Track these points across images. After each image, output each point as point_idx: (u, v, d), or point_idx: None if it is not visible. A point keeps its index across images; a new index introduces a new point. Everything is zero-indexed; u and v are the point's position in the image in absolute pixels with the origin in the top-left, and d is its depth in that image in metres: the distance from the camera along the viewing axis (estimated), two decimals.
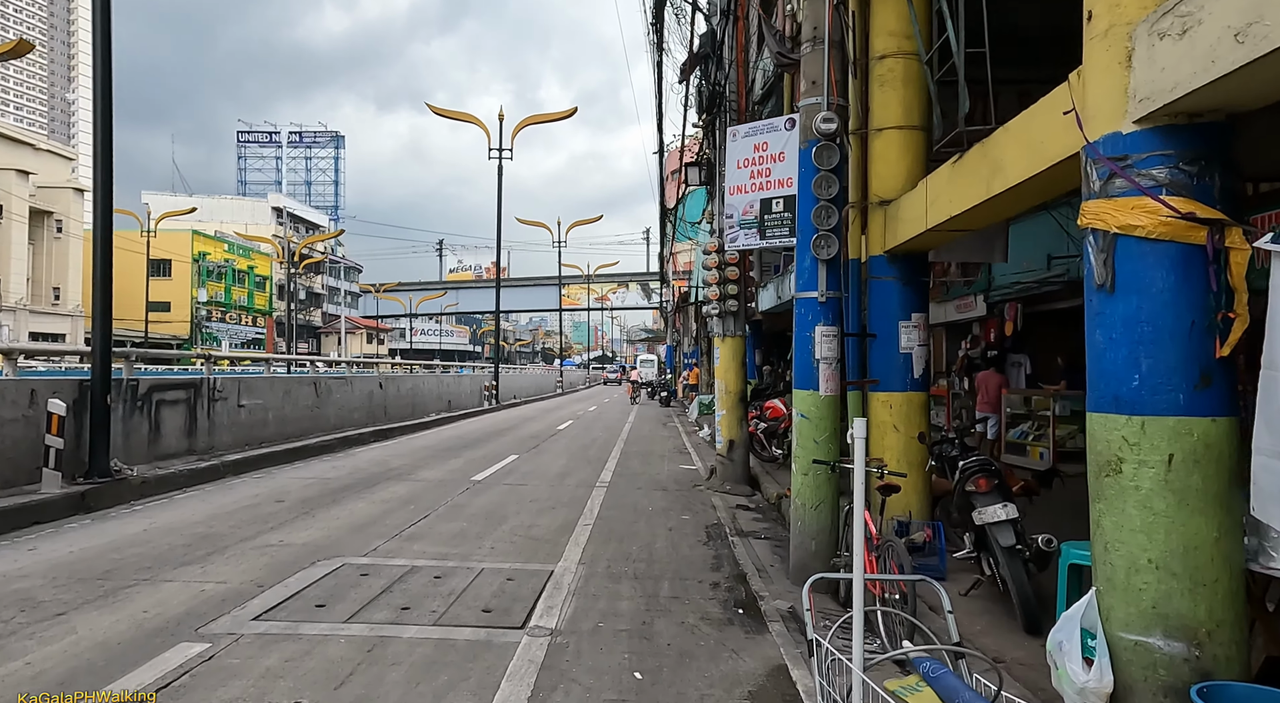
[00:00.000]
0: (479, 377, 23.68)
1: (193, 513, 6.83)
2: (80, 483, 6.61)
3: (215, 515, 6.76)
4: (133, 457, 7.59)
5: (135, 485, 7.08)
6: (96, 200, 6.80)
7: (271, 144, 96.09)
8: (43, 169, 47.18)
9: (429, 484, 8.86)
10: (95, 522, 6.34)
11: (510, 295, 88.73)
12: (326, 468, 9.90)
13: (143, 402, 7.69)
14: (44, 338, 44.56)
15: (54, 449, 6.18)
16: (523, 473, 10.08)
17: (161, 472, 7.66)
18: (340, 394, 12.89)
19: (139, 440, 7.68)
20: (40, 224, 46.66)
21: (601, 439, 15.12)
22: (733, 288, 9.09)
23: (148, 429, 7.81)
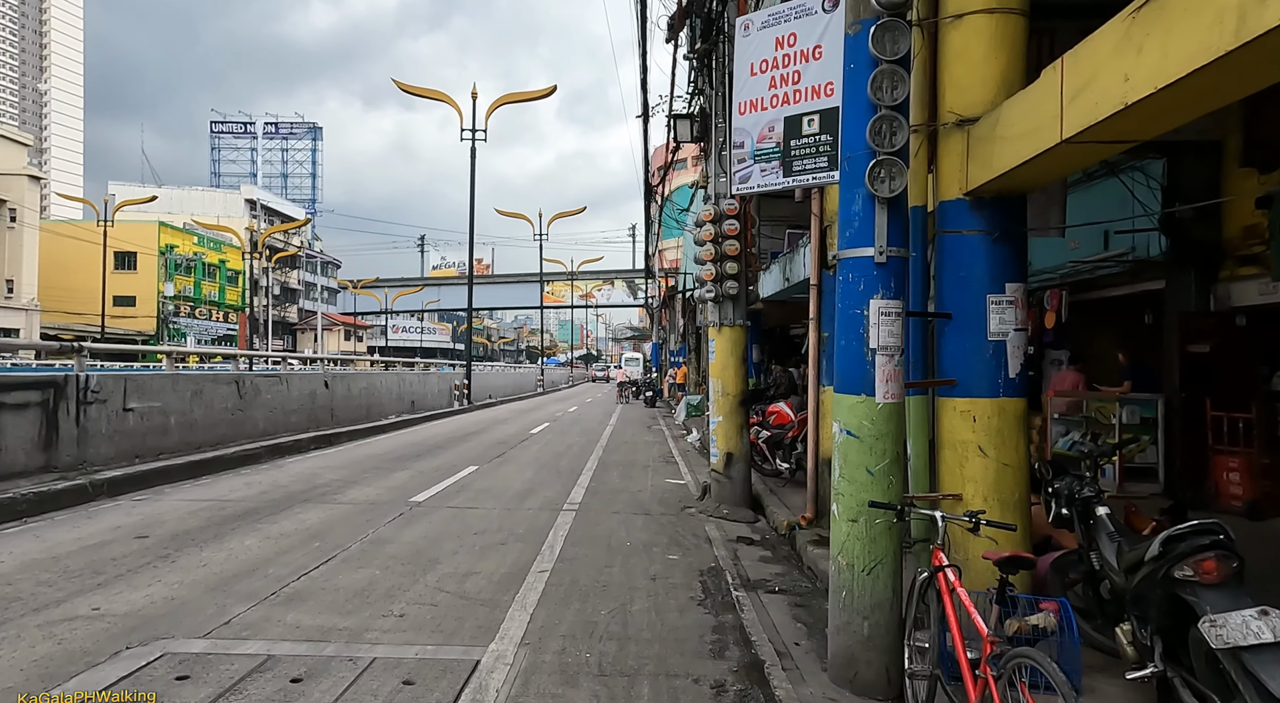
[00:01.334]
0: (449, 375, 21.86)
1: (5, 558, 5.05)
2: None
3: (34, 562, 4.99)
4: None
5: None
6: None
7: (246, 135, 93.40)
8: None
9: (353, 509, 7.11)
10: None
11: (492, 292, 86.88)
12: (235, 485, 8.12)
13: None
14: None
15: None
16: (477, 491, 8.35)
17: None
18: (272, 394, 11.08)
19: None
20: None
21: (578, 446, 13.40)
22: (732, 266, 7.40)
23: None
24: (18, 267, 45.30)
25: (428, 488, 8.37)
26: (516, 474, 9.73)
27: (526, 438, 14.58)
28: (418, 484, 8.62)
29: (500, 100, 23.91)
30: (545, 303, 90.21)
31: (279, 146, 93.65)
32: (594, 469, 10.45)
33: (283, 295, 72.49)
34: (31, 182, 46.88)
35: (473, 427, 16.56)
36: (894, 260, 3.40)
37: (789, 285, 8.54)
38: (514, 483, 9.00)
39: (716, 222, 7.44)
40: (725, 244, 7.39)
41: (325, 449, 11.70)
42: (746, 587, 5.01)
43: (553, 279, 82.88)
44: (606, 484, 9.15)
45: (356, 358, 24.58)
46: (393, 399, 16.50)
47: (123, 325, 53.69)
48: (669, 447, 13.85)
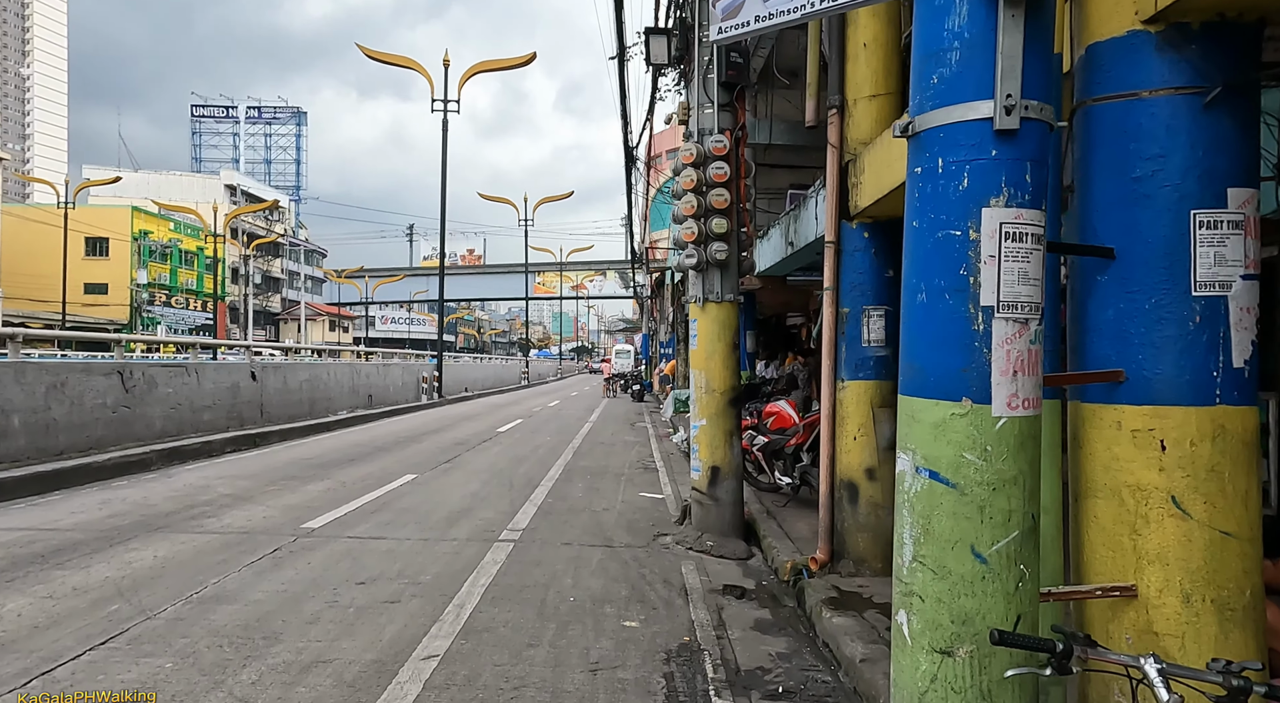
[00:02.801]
0: (415, 366, 20.06)
1: None
2: None
3: None
4: None
5: None
6: None
7: (229, 120, 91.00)
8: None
9: (218, 541, 5.36)
10: None
11: (482, 283, 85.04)
12: (85, 504, 6.36)
13: None
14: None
15: None
16: (397, 511, 6.61)
17: None
18: (174, 388, 9.29)
19: None
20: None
21: (547, 447, 11.67)
22: (720, 223, 5.64)
23: None
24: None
25: (337, 507, 6.62)
26: (459, 486, 7.99)
27: (491, 437, 12.84)
28: (327, 501, 6.87)
29: (474, 68, 22.04)
30: (537, 294, 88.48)
31: (262, 132, 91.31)
32: (556, 478, 8.73)
33: (265, 284, 70.45)
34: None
35: (434, 424, 14.80)
36: (1032, 130, 1.66)
37: (793, 252, 6.74)
38: (450, 499, 7.25)
39: (700, 165, 5.68)
40: (712, 195, 5.63)
41: (243, 453, 9.94)
42: (735, 688, 3.29)
43: (542, 269, 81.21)
44: (566, 500, 7.42)
45: (351, 349, 22.81)
46: (344, 393, 14.71)
47: (94, 313, 51.69)
48: (650, 448, 12.12)
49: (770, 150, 9.49)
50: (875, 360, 4.64)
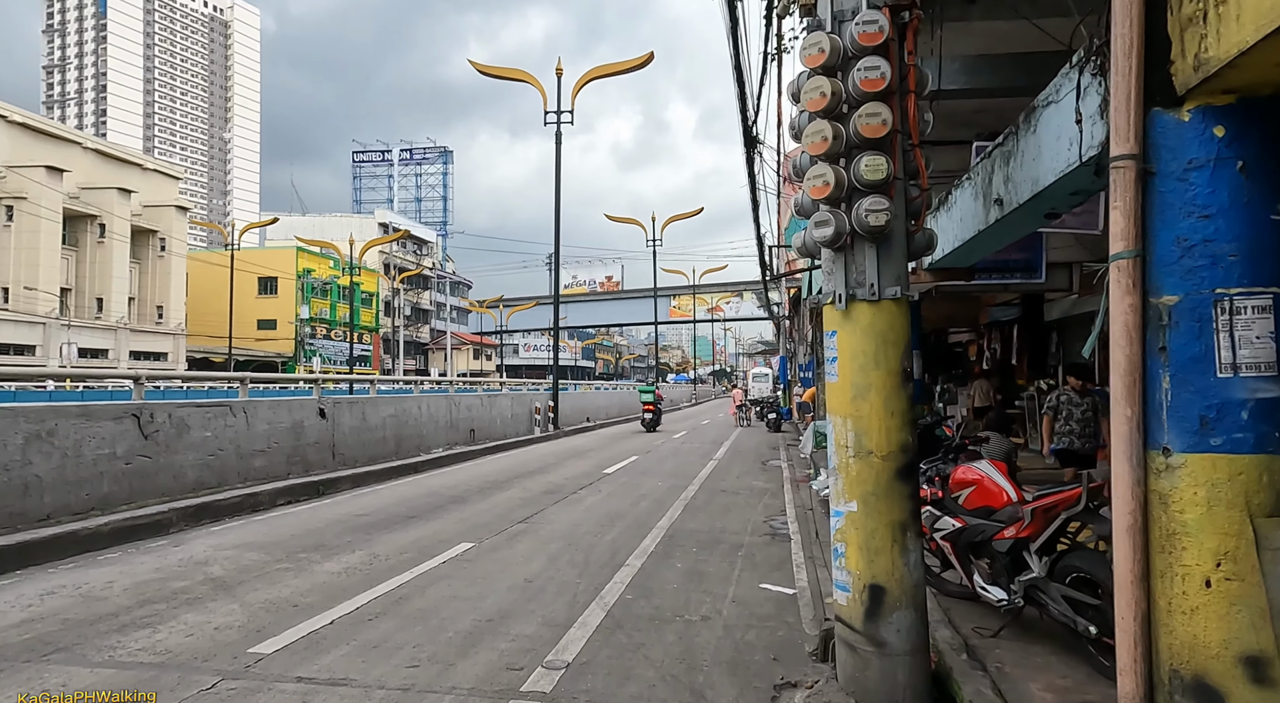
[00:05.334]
0: (526, 397, 18.57)
1: None
2: None
3: None
4: None
5: None
6: None
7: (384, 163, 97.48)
8: (148, 188, 47.35)
9: (99, 685, 3.57)
10: None
11: (617, 308, 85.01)
12: (7, 603, 4.87)
13: None
14: (146, 357, 44.28)
15: None
16: (407, 616, 4.61)
17: None
18: (212, 431, 7.97)
19: None
20: (145, 243, 46.74)
21: (653, 497, 9.46)
22: (876, 164, 3.23)
23: None
24: (166, 293, 47.62)
25: (329, 607, 4.74)
26: (517, 566, 5.94)
27: (592, 482, 10.82)
28: (325, 594, 5.03)
29: (588, 75, 20.60)
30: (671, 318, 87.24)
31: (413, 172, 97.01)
32: (651, 551, 6.49)
33: (414, 316, 73.82)
34: (179, 212, 49.35)
35: (535, 463, 13.02)
36: None
37: (1004, 215, 3.97)
38: (495, 589, 5.20)
39: (834, 69, 3.32)
40: (859, 117, 3.24)
41: (297, 505, 8.49)
42: None
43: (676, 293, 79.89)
44: (652, 596, 5.16)
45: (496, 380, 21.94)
46: (439, 428, 13.28)
47: (266, 347, 55.78)
48: (784, 499, 9.60)
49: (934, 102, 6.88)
50: (1256, 410, 2.05)
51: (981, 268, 6.52)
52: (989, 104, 7.31)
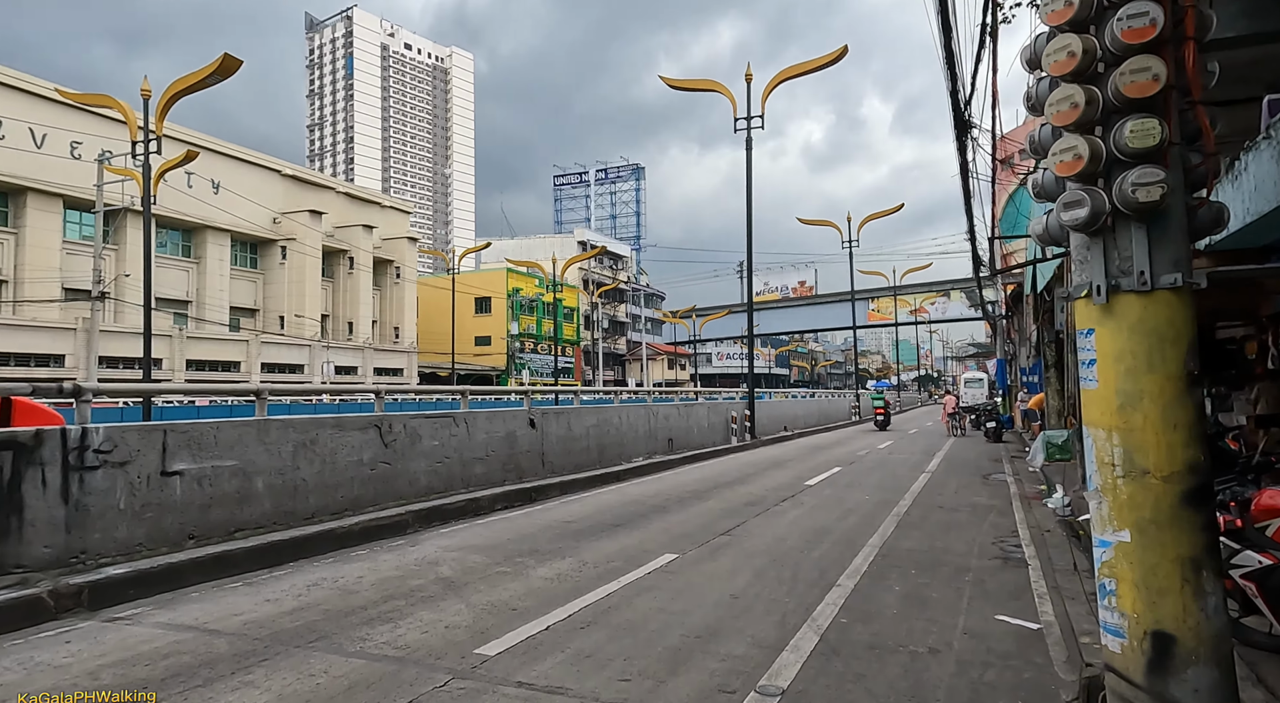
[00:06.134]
0: (723, 406, 18.47)
1: None
2: None
3: None
4: None
5: None
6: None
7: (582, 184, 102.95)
8: (385, 223, 53.77)
9: (357, 674, 3.92)
10: None
11: (811, 313, 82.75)
12: (285, 590, 5.55)
13: None
14: (386, 373, 50.16)
15: None
16: (616, 626, 4.63)
17: None
18: (439, 440, 8.70)
19: None
20: (384, 272, 53.09)
21: (861, 512, 8.91)
22: (1146, 129, 2.70)
23: None
24: (401, 316, 53.66)
25: (544, 613, 4.90)
26: (720, 581, 5.80)
27: (794, 494, 10.45)
28: (541, 600, 5.21)
29: (779, 77, 20.21)
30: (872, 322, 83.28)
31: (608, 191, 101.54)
32: (863, 571, 6.06)
33: (611, 328, 76.97)
34: (410, 243, 55.44)
35: (734, 473, 12.86)
36: None
37: None
38: (700, 605, 5.09)
39: (1084, 25, 2.84)
40: (1121, 75, 2.74)
41: (513, 510, 9.02)
42: None
43: (875, 295, 76.17)
44: (870, 621, 4.78)
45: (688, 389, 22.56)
46: (638, 438, 13.58)
47: (481, 362, 61.01)
48: (1014, 518, 8.61)
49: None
50: None
51: (1276, 247, 5.37)
52: (1268, 53, 6.06)
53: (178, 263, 40.98)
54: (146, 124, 19.23)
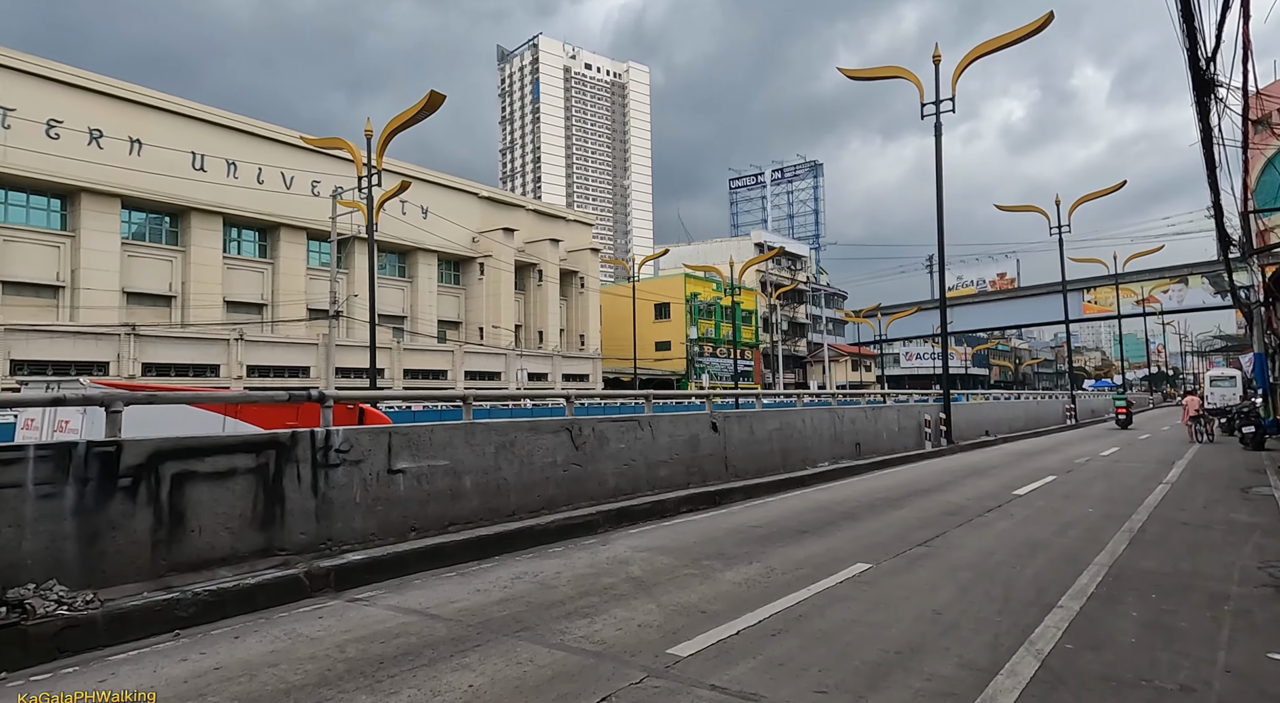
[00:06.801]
0: (914, 409, 17.38)
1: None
2: None
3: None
4: (107, 572, 4.75)
5: (45, 635, 4.13)
6: None
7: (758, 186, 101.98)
8: (570, 236, 56.68)
9: (557, 666, 4.12)
10: None
11: (1013, 308, 75.87)
12: (492, 581, 5.98)
13: (137, 480, 4.89)
14: (573, 378, 52.78)
15: None
16: (809, 635, 4.50)
17: (141, 601, 4.66)
18: (625, 443, 8.97)
19: (125, 544, 4.81)
20: (569, 282, 55.96)
21: (1083, 526, 7.99)
22: None
23: (150, 523, 4.95)
24: (586, 324, 56.24)
25: (734, 617, 4.87)
26: (920, 594, 5.44)
27: (1000, 504, 9.60)
28: (729, 604, 5.19)
29: (972, 54, 18.76)
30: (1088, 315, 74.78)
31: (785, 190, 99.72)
32: (1090, 593, 5.42)
33: (791, 330, 75.45)
34: (593, 254, 57.98)
35: (928, 481, 12.06)
36: None
37: None
38: (899, 618, 4.81)
39: None
40: None
41: (697, 513, 9.09)
42: None
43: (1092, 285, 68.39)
44: (1100, 650, 4.25)
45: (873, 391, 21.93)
46: (823, 442, 13.15)
47: (661, 366, 62.31)
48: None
49: None
50: None
51: None
52: None
53: (395, 282, 45.89)
54: (370, 161, 21.74)
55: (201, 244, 36.62)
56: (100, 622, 4.34)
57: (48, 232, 32.51)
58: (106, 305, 32.85)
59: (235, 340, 35.11)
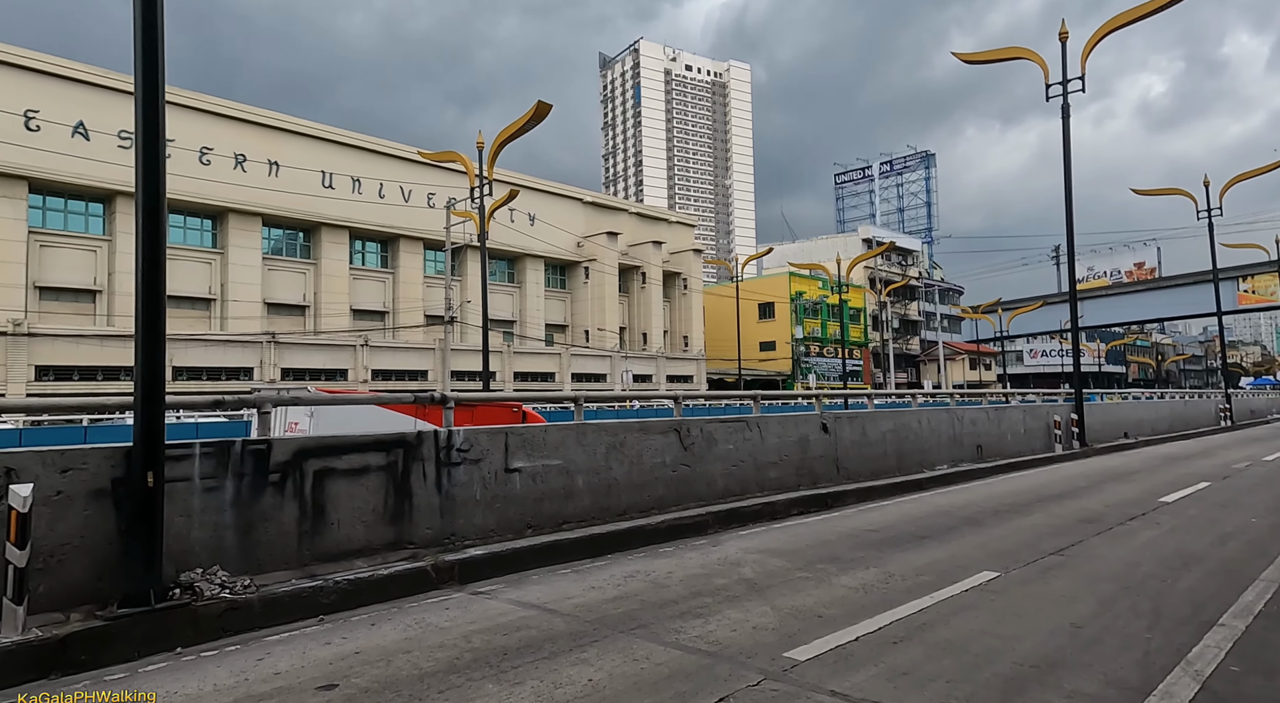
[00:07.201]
0: (1041, 409, 16.30)
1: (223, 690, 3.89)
2: (78, 620, 4.34)
3: None
4: (261, 560, 5.18)
5: (211, 615, 4.57)
6: None
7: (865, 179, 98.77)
8: (672, 238, 56.93)
9: (674, 664, 4.15)
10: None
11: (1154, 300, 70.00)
12: (606, 579, 6.08)
13: (284, 475, 5.30)
14: (677, 380, 52.94)
15: (14, 568, 4.04)
16: (933, 645, 4.32)
17: (290, 588, 5.06)
18: (734, 444, 8.91)
19: (275, 534, 5.24)
20: (672, 284, 56.19)
21: (1245, 537, 7.25)
22: None
23: (296, 516, 5.36)
24: (689, 325, 56.29)
25: (852, 622, 4.74)
26: (1056, 607, 5.10)
27: (1145, 512, 8.87)
28: (847, 608, 5.06)
29: (1107, 26, 17.41)
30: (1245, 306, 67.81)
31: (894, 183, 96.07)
32: (1260, 611, 4.92)
33: (903, 328, 72.61)
34: (695, 255, 57.99)
35: (1059, 486, 11.29)
36: None
37: None
38: (1032, 632, 4.53)
39: None
40: None
41: (809, 516, 8.90)
42: None
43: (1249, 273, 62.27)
44: (1277, 677, 3.85)
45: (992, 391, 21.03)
46: (941, 444, 12.57)
47: (766, 367, 61.47)
48: None
49: None
50: None
51: None
52: None
53: (504, 288, 47.57)
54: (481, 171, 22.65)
55: (330, 257, 39.31)
56: (256, 605, 4.74)
57: (201, 249, 35.82)
58: (250, 316, 35.83)
59: (361, 346, 37.45)
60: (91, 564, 4.44)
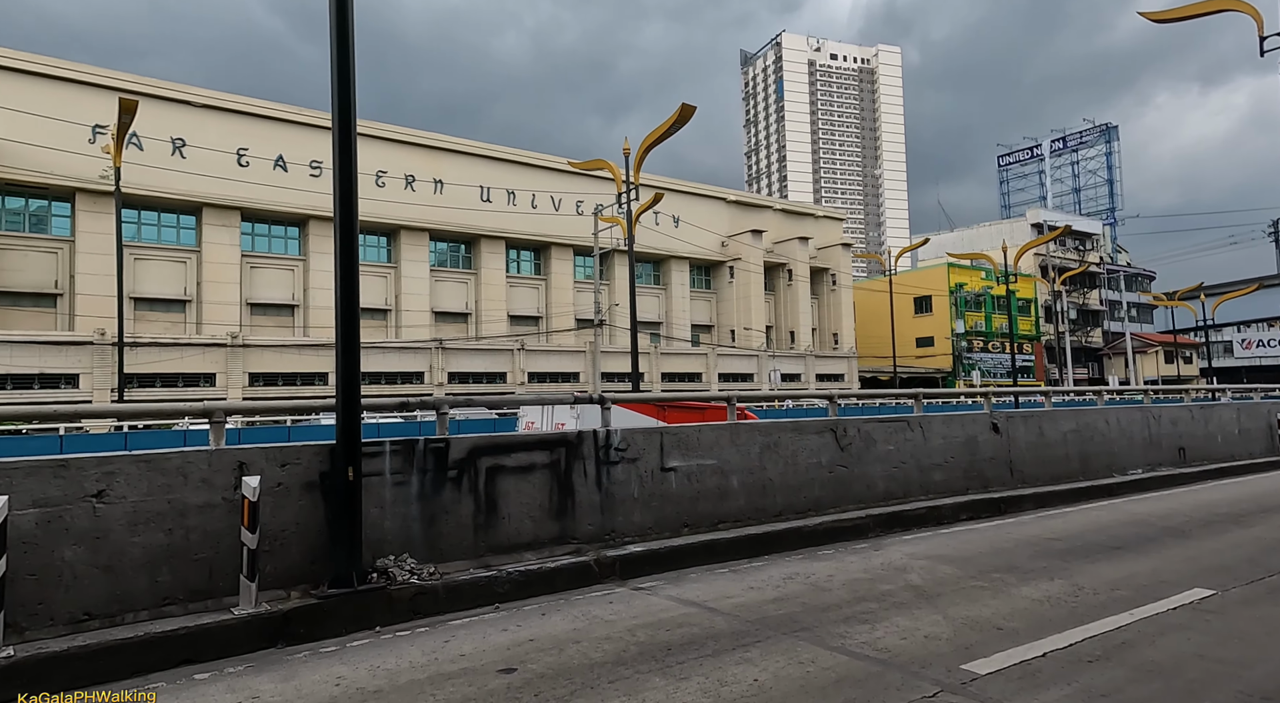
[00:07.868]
0: (1258, 407, 14.25)
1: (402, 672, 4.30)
2: (296, 597, 4.88)
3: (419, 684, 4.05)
4: (442, 549, 5.59)
5: (403, 599, 5.01)
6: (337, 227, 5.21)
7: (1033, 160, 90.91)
8: (819, 233, 55.36)
9: (840, 669, 4.05)
10: (250, 673, 4.52)
11: None
12: (765, 580, 6.03)
13: (460, 472, 5.69)
14: (827, 378, 51.40)
15: (247, 549, 4.63)
16: (1138, 667, 3.93)
17: (469, 576, 5.43)
18: (894, 445, 8.50)
19: (454, 526, 5.63)
20: (820, 280, 54.65)
21: None
22: None
23: (471, 509, 5.73)
24: (839, 322, 54.48)
25: (1037, 637, 4.40)
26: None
27: None
28: (1031, 621, 4.70)
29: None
30: None
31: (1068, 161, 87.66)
32: None
33: (1081, 319, 66.21)
34: (844, 249, 56.06)
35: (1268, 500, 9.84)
36: None
37: None
38: (1265, 657, 4.01)
39: None
40: None
41: (979, 522, 8.35)
42: None
43: None
44: None
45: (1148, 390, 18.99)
46: (1134, 446, 11.32)
47: (923, 364, 58.26)
48: None
49: None
50: None
51: None
52: None
53: (650, 290, 48.35)
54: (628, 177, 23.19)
55: (489, 266, 41.78)
56: (441, 591, 5.15)
57: (379, 264, 39.28)
58: (420, 324, 38.82)
59: (518, 350, 39.49)
60: (306, 549, 5.01)
